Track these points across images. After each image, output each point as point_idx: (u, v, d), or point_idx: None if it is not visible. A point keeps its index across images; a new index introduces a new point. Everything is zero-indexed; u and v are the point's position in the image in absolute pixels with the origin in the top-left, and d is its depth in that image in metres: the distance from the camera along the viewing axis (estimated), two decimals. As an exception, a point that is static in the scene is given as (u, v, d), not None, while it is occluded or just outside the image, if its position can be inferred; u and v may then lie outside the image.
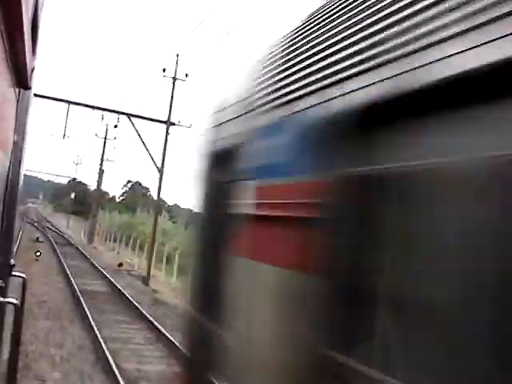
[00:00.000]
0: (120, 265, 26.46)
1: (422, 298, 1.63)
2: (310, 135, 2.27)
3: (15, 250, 19.54)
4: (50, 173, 79.54)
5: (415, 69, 1.67)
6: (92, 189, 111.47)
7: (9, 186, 2.34)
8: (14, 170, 2.44)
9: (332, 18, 2.48)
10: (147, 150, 25.75)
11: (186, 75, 26.41)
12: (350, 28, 2.21)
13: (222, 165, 3.49)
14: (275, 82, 2.88)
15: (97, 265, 27.00)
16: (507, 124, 1.38)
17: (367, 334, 1.84)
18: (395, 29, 1.85)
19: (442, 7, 1.63)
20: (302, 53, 2.66)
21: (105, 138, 47.20)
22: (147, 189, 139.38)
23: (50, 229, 61.19)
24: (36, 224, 67.66)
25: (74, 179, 73.85)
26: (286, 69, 2.80)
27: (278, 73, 2.89)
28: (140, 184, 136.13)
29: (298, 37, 2.85)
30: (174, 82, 26.48)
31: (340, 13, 2.40)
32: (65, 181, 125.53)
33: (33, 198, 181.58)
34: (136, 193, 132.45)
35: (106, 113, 26.53)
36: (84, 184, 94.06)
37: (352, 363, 1.82)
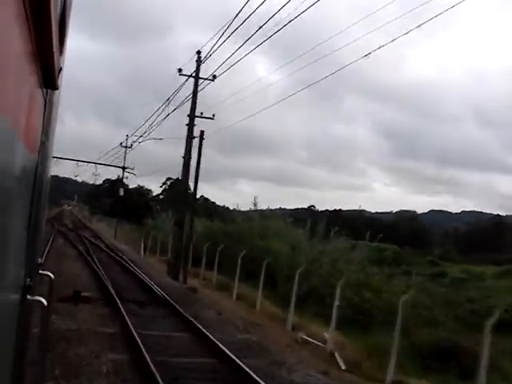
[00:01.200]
0: None
1: None
2: None
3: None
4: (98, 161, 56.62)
5: None
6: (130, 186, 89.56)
7: (36, 187, 2.37)
8: (41, 170, 2.48)
9: None
10: None
11: None
12: None
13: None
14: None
15: None
16: None
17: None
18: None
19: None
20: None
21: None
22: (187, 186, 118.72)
23: (94, 244, 38.19)
24: (72, 234, 45.52)
25: (124, 168, 51.44)
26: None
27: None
28: (180, 180, 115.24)
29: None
30: None
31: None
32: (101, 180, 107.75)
33: (67, 200, 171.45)
34: (177, 191, 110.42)
35: None
36: (122, 182, 73.05)
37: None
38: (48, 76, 2.18)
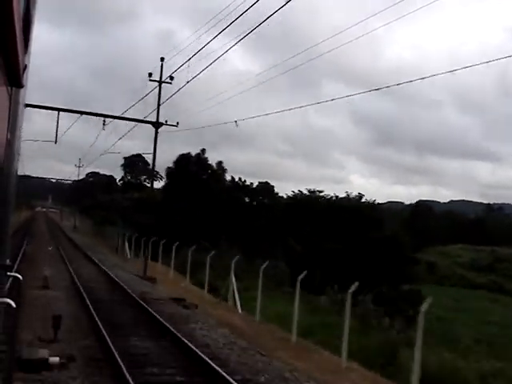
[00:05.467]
0: None
1: None
2: None
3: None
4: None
5: None
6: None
7: (2, 186, 2.28)
8: (7, 167, 2.39)
9: None
10: None
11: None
12: None
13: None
14: None
15: None
16: None
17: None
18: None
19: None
20: None
21: None
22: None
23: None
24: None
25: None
26: None
27: None
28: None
29: None
30: None
31: None
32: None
33: (40, 202, 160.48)
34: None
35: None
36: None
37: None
38: (12, 74, 2.13)
